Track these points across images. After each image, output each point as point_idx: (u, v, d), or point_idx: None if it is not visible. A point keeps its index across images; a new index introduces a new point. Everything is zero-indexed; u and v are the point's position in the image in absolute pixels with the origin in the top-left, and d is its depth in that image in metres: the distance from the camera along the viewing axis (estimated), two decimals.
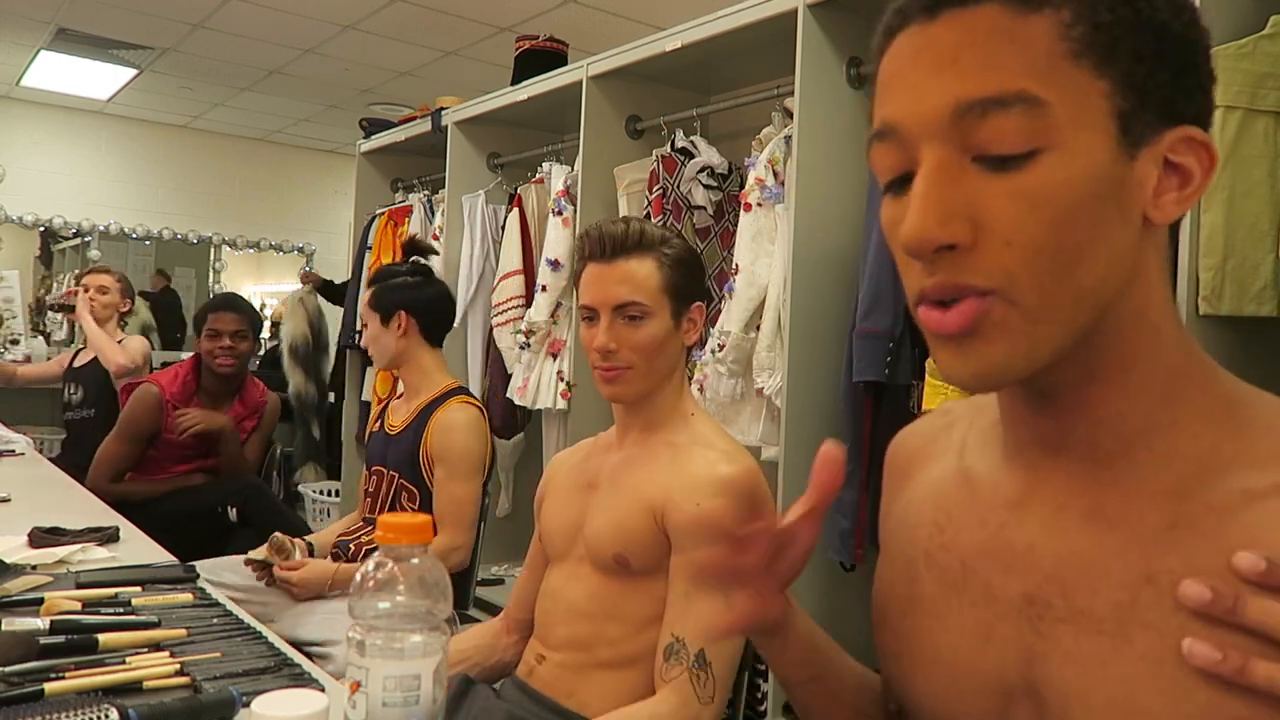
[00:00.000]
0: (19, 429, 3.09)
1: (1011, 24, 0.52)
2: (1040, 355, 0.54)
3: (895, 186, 0.57)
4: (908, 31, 0.55)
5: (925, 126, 0.54)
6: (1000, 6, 0.52)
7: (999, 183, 0.52)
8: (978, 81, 0.52)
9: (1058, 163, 0.52)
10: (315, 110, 5.91)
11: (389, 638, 0.68)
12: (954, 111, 0.52)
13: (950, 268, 0.53)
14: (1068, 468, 0.59)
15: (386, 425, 2.11)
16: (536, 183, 3.38)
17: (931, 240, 0.52)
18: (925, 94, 0.54)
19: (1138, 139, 0.53)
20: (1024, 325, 0.53)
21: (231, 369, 2.74)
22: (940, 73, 0.53)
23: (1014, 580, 0.60)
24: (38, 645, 0.95)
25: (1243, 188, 1.62)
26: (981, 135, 0.52)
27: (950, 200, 0.53)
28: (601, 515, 1.26)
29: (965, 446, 0.69)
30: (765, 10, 2.32)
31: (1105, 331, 0.55)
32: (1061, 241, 0.52)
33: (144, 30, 4.55)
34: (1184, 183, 0.55)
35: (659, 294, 1.27)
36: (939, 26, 0.54)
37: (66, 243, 6.29)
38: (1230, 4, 1.67)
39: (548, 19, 3.98)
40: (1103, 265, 0.53)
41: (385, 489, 2.04)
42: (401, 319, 2.04)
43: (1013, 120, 0.51)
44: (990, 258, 0.52)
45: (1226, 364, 0.61)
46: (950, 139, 0.53)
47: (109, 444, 2.67)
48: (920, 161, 0.54)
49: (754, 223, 2.37)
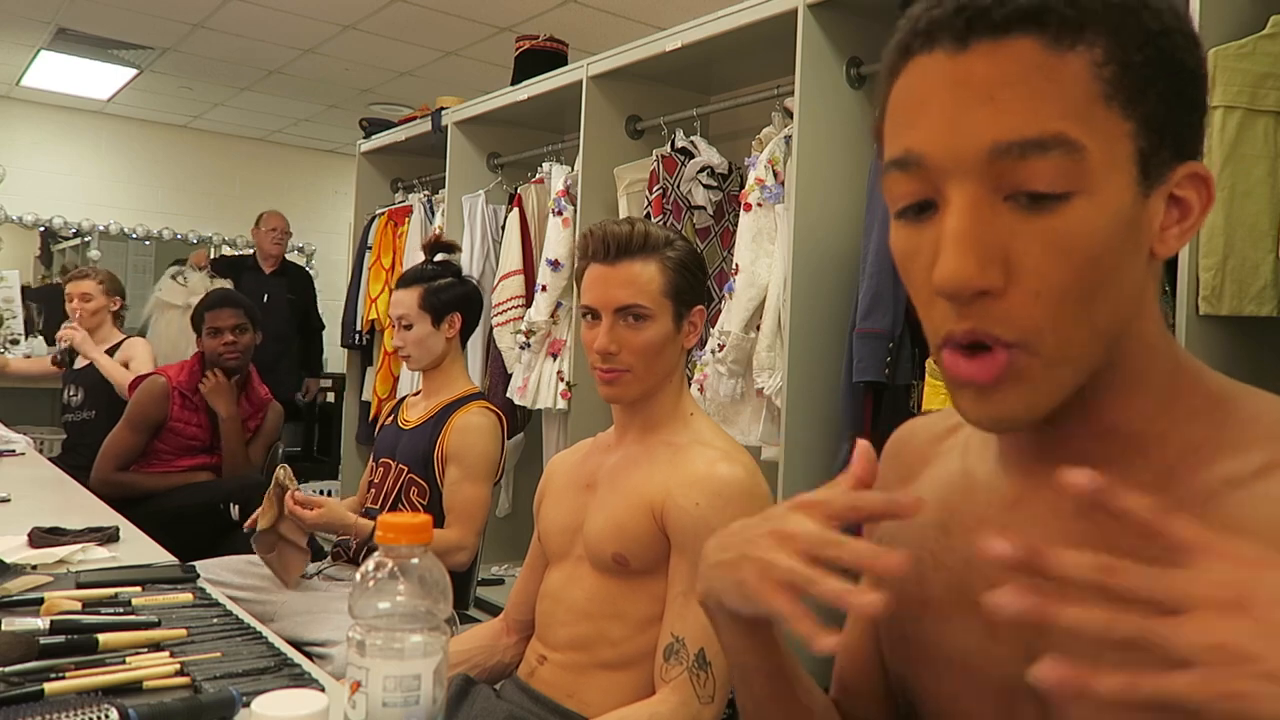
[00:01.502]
0: (19, 429, 3.09)
1: (1047, 61, 0.51)
2: (1056, 397, 0.54)
3: (911, 213, 0.56)
4: (934, 56, 0.53)
5: (959, 163, 0.52)
6: (1035, 42, 0.51)
7: (1031, 224, 0.52)
8: (1016, 122, 0.51)
9: (1090, 207, 0.51)
10: (315, 110, 5.91)
11: (389, 638, 0.68)
12: (991, 151, 0.51)
13: (980, 315, 0.52)
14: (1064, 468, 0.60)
15: (400, 420, 2.11)
16: (536, 183, 3.38)
17: (971, 286, 0.51)
18: (960, 129, 0.52)
19: (1155, 179, 0.54)
20: (1043, 371, 0.53)
21: (237, 362, 2.76)
22: (976, 109, 0.51)
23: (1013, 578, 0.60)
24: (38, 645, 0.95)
25: (1243, 188, 1.62)
26: (1018, 176, 0.51)
27: (986, 243, 0.52)
28: (600, 515, 1.26)
29: (968, 446, 0.70)
30: (765, 10, 2.32)
31: (1113, 356, 0.56)
32: (1085, 284, 0.52)
33: (144, 30, 4.55)
34: (1184, 216, 0.56)
35: (661, 297, 1.26)
36: (972, 57, 0.52)
37: (66, 243, 6.29)
38: (1230, 4, 1.67)
39: (548, 19, 3.97)
40: (1116, 303, 0.54)
41: (392, 482, 2.04)
42: (455, 320, 2.06)
43: (1051, 163, 0.50)
44: (1019, 309, 0.52)
45: (1227, 364, 0.62)
46: (984, 178, 0.52)
47: (116, 433, 2.69)
48: (946, 195, 0.53)
49: (754, 223, 2.37)
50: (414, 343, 2.04)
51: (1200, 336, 1.64)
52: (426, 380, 2.12)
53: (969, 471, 0.67)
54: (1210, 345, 1.65)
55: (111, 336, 3.43)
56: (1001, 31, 0.51)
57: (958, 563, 0.64)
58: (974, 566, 0.63)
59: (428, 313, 2.03)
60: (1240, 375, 0.61)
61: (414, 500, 2.01)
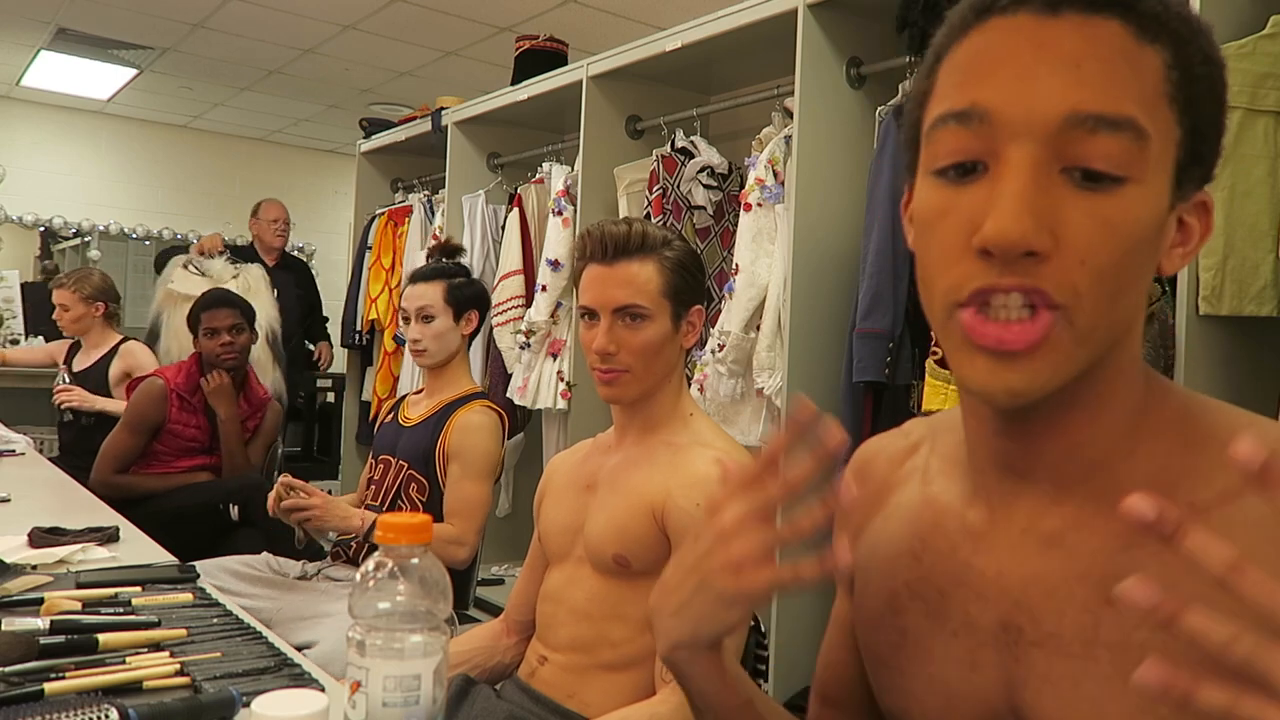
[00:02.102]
0: (19, 429, 3.08)
1: (1132, 48, 0.52)
2: (1070, 375, 0.54)
3: (954, 172, 0.55)
4: (1019, 18, 0.53)
5: (1030, 123, 0.52)
6: (1122, 26, 0.52)
7: (1084, 200, 0.52)
8: (1098, 95, 0.51)
9: (1139, 195, 0.52)
10: (315, 110, 5.91)
11: (389, 638, 0.68)
12: (1066, 118, 0.51)
13: (1029, 272, 0.51)
14: (1030, 492, 0.60)
15: (401, 417, 2.12)
16: (536, 183, 3.38)
17: (1026, 243, 0.51)
18: (1040, 91, 0.52)
19: (1183, 193, 0.55)
20: (1070, 346, 0.53)
21: (234, 361, 2.76)
22: (1061, 73, 0.51)
23: (988, 608, 0.61)
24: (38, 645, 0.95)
25: (1243, 188, 1.62)
26: (1084, 149, 0.51)
27: (1042, 207, 0.51)
28: (601, 516, 1.26)
29: (929, 471, 0.69)
30: (765, 10, 2.32)
31: (1099, 363, 0.56)
32: (1122, 269, 0.52)
33: (144, 30, 4.55)
34: (1186, 240, 0.57)
35: (659, 297, 1.26)
36: (1062, 24, 0.52)
37: (66, 243, 6.29)
38: (1230, 4, 1.67)
39: (548, 19, 3.97)
40: (1136, 299, 0.56)
41: (392, 478, 2.04)
42: (473, 318, 2.08)
43: (1119, 144, 0.51)
44: (1064, 273, 0.51)
45: (1227, 364, 0.63)
46: (1050, 144, 0.52)
47: (114, 435, 2.69)
48: (1005, 156, 0.52)
49: (754, 223, 2.37)
50: (433, 336, 2.03)
51: (1200, 336, 1.64)
52: (430, 378, 2.12)
53: (932, 499, 0.67)
54: (1210, 345, 1.65)
55: (106, 340, 3.39)
56: (1093, 9, 0.52)
57: (933, 593, 0.64)
58: (949, 597, 0.63)
59: (451, 306, 2.04)
60: (1240, 375, 0.62)
61: (413, 497, 2.01)
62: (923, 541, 0.66)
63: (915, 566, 0.66)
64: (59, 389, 3.27)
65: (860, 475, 0.78)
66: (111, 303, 3.41)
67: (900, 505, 0.70)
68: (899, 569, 0.67)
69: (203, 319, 2.75)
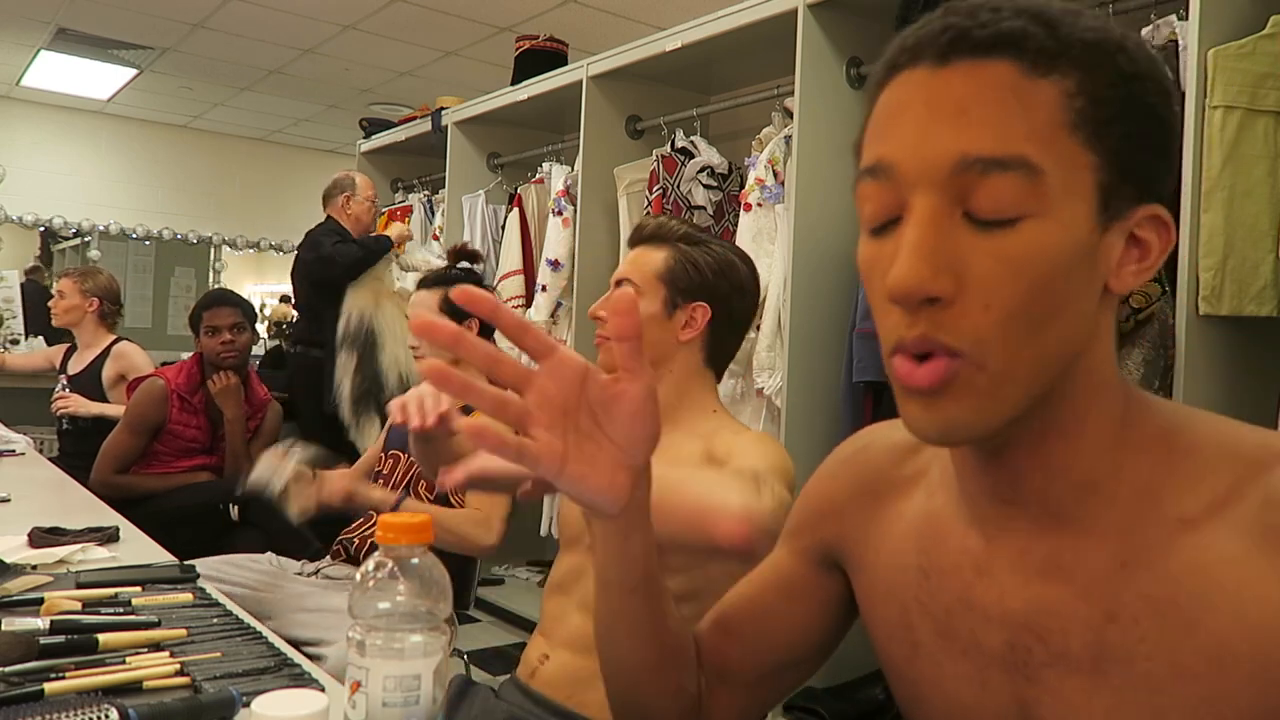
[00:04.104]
0: (19, 429, 3.08)
1: (1021, 84, 0.52)
2: (1002, 415, 0.55)
3: (878, 229, 0.57)
4: (915, 71, 0.55)
5: (924, 172, 0.54)
6: (1012, 65, 0.53)
7: (985, 241, 0.53)
8: (984, 138, 0.52)
9: (1043, 230, 0.53)
10: (315, 110, 5.91)
11: (389, 638, 0.68)
12: (956, 163, 0.53)
13: (930, 322, 0.53)
14: (1023, 516, 0.60)
15: None
16: (536, 183, 3.39)
17: (923, 290, 0.53)
18: (930, 139, 0.53)
19: (1114, 214, 0.55)
20: (989, 387, 0.54)
21: (235, 360, 2.76)
22: (947, 121, 0.53)
23: (994, 630, 0.61)
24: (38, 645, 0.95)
25: (1243, 188, 1.62)
26: (977, 193, 0.53)
27: (940, 253, 0.53)
28: None
29: (932, 480, 0.69)
30: (765, 10, 2.32)
31: (1060, 391, 0.57)
32: (1035, 306, 0.53)
33: (144, 30, 4.55)
34: (1143, 256, 0.57)
35: (653, 278, 1.28)
36: (951, 73, 0.54)
37: (66, 243, 6.30)
38: (1230, 4, 1.67)
39: (548, 19, 3.98)
40: (1068, 330, 0.55)
41: (401, 475, 2.06)
42: (473, 326, 2.08)
43: (1010, 183, 0.52)
44: (967, 319, 0.53)
45: (1227, 364, 0.63)
46: (946, 190, 0.53)
47: (115, 436, 2.68)
48: (910, 207, 0.54)
49: (754, 223, 2.37)
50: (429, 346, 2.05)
51: (1200, 336, 1.64)
52: None
53: (936, 514, 0.67)
54: (1210, 345, 1.65)
55: (99, 340, 3.36)
56: (981, 52, 0.53)
57: (940, 611, 0.65)
58: (956, 617, 0.63)
59: (445, 315, 2.05)
60: (1240, 375, 0.62)
61: (423, 494, 2.02)
62: (928, 558, 0.66)
63: (923, 583, 0.66)
64: (57, 397, 3.27)
65: (852, 462, 0.78)
66: (108, 302, 3.38)
67: (906, 515, 0.70)
68: (908, 583, 0.67)
69: (204, 317, 2.75)
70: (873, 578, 0.72)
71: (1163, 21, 1.80)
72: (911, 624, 0.67)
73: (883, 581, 0.71)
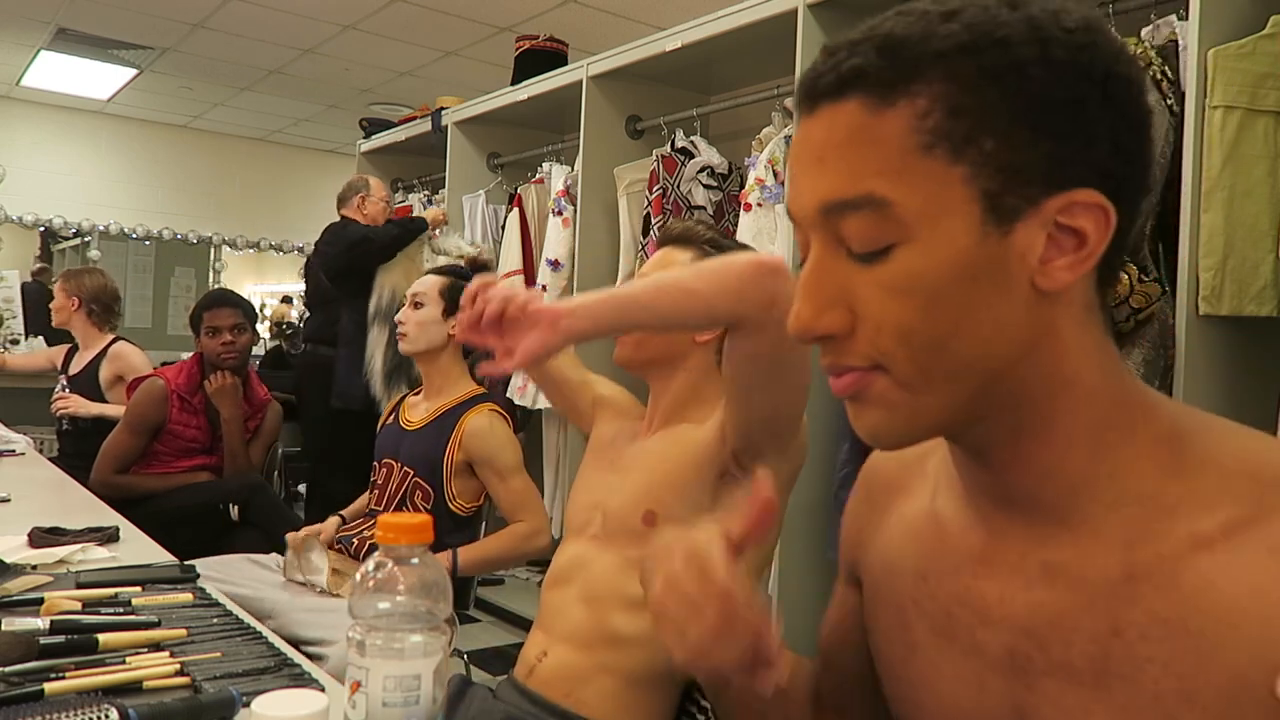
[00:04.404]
0: (19, 429, 3.08)
1: (868, 122, 0.53)
2: (925, 422, 0.57)
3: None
4: (802, 120, 0.57)
5: (804, 219, 0.57)
6: (859, 102, 0.53)
7: (866, 273, 0.55)
8: (835, 183, 0.54)
9: (913, 255, 0.53)
10: (315, 110, 5.91)
11: (389, 638, 0.68)
12: (820, 209, 0.55)
13: (834, 351, 0.57)
14: (1022, 519, 0.59)
15: (401, 420, 2.12)
16: (536, 183, 3.39)
17: (810, 331, 0.57)
18: (803, 189, 0.57)
19: (1011, 213, 0.52)
20: (903, 396, 0.56)
21: (235, 361, 2.76)
22: (811, 170, 0.56)
23: (994, 633, 0.60)
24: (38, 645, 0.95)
25: (1243, 188, 1.62)
26: (844, 232, 0.55)
27: (826, 290, 0.56)
28: (626, 482, 1.28)
29: (938, 484, 0.69)
30: (765, 10, 2.32)
31: (1016, 393, 0.56)
32: (931, 323, 0.54)
33: (144, 30, 4.55)
34: (1080, 244, 0.54)
35: None
36: (815, 121, 0.56)
37: (66, 243, 6.30)
38: (1230, 4, 1.67)
39: (548, 19, 3.98)
40: (983, 338, 0.54)
41: (396, 483, 2.04)
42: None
43: (863, 220, 0.54)
44: (865, 343, 0.55)
45: (1226, 364, 0.62)
46: (825, 231, 0.56)
47: (115, 436, 2.68)
48: (809, 249, 0.58)
49: (754, 223, 2.37)
50: (415, 323, 2.06)
51: (1200, 336, 1.64)
52: (426, 379, 2.12)
53: (938, 514, 0.67)
54: (1210, 345, 1.65)
55: (96, 341, 3.34)
56: (833, 95, 0.55)
57: (939, 611, 0.64)
58: (956, 619, 0.63)
59: (444, 300, 2.06)
60: (1240, 375, 0.61)
61: (418, 504, 2.01)
62: (928, 560, 0.66)
63: (921, 584, 0.66)
64: (57, 397, 3.27)
65: (868, 479, 0.78)
66: (94, 303, 3.33)
67: (906, 516, 0.70)
68: (905, 586, 0.67)
69: (205, 318, 2.75)
70: (872, 581, 0.72)
71: (1163, 21, 1.80)
72: (909, 624, 0.66)
73: (881, 584, 0.70)
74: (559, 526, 3.18)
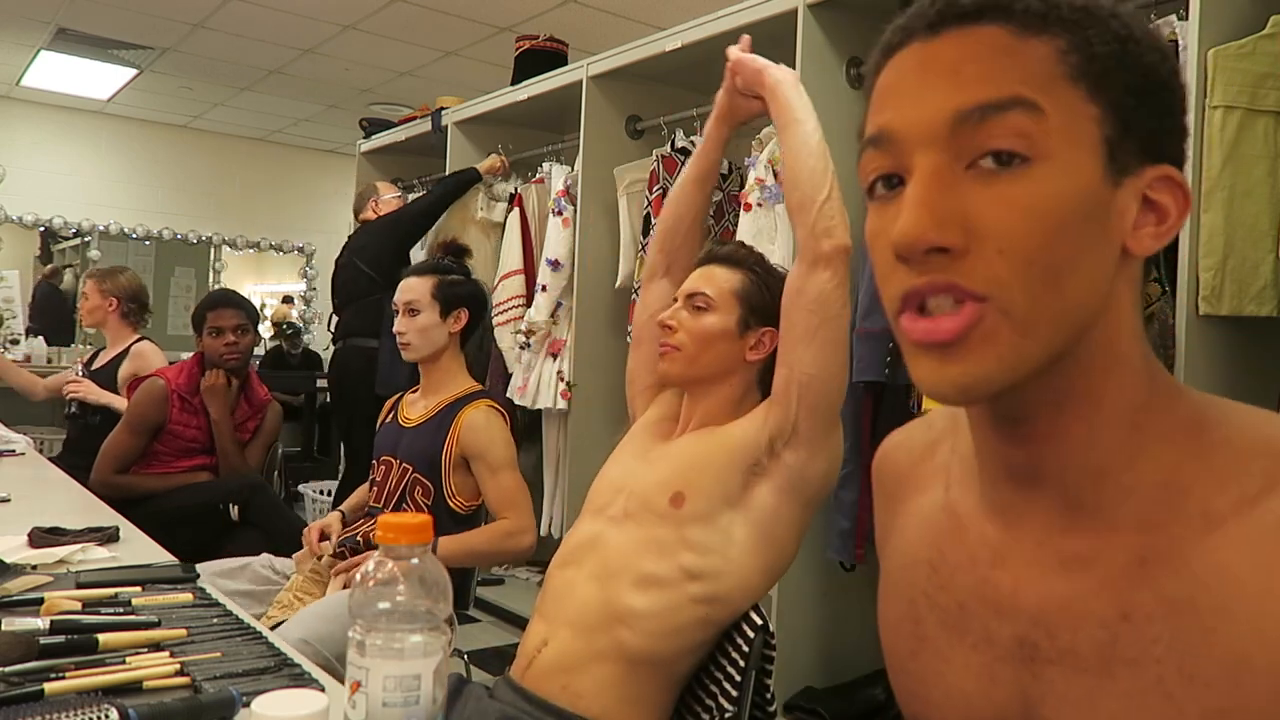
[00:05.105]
0: (19, 429, 3.08)
1: (1012, 44, 0.53)
2: (1021, 371, 0.54)
3: (881, 188, 0.58)
4: (910, 47, 0.57)
5: (922, 134, 0.54)
6: (1002, 28, 0.54)
7: (992, 190, 0.53)
8: (976, 90, 0.53)
9: (1049, 174, 0.52)
10: (315, 110, 5.91)
11: (389, 638, 0.68)
12: (952, 119, 0.53)
13: (943, 268, 0.53)
14: (1042, 504, 0.59)
15: (400, 418, 2.11)
16: (536, 183, 3.39)
17: (925, 240, 0.52)
18: (924, 102, 0.55)
19: (1122, 168, 0.54)
20: (1012, 337, 0.53)
21: (238, 363, 2.76)
22: (940, 83, 0.54)
23: (1006, 623, 0.60)
24: (38, 645, 0.95)
25: (1243, 188, 1.62)
26: (978, 139, 0.53)
27: (945, 205, 0.53)
28: (661, 464, 1.32)
29: (951, 475, 0.69)
30: (765, 10, 2.32)
31: (1076, 358, 0.55)
32: (1052, 254, 0.52)
33: (144, 30, 4.55)
34: (1160, 219, 0.56)
35: (730, 296, 1.36)
36: (941, 43, 0.55)
37: (66, 243, 6.29)
38: (1230, 4, 1.67)
39: (548, 19, 3.98)
40: (1087, 284, 0.54)
41: (395, 480, 2.04)
42: (461, 316, 2.08)
43: (1009, 123, 0.52)
44: (984, 265, 0.52)
45: (1227, 364, 0.62)
46: (947, 148, 0.54)
47: (115, 435, 2.68)
48: (912, 168, 0.55)
49: (754, 223, 2.37)
50: (417, 330, 2.05)
51: (1200, 336, 1.64)
52: (425, 377, 2.12)
53: (953, 507, 0.66)
54: (1210, 345, 1.65)
55: (123, 339, 3.38)
56: (971, 20, 0.54)
57: (951, 604, 0.64)
58: (968, 610, 0.63)
59: (438, 302, 2.05)
60: (1240, 375, 0.61)
61: (418, 500, 2.01)
62: (940, 552, 0.66)
63: (933, 577, 0.65)
64: (70, 380, 3.29)
65: (879, 473, 0.78)
66: (129, 302, 3.39)
67: (920, 510, 0.70)
68: (918, 578, 0.67)
69: (208, 318, 2.75)
70: (887, 575, 0.72)
71: (1163, 21, 1.80)
72: (919, 617, 0.66)
73: (893, 577, 0.70)
74: (559, 526, 3.18)
